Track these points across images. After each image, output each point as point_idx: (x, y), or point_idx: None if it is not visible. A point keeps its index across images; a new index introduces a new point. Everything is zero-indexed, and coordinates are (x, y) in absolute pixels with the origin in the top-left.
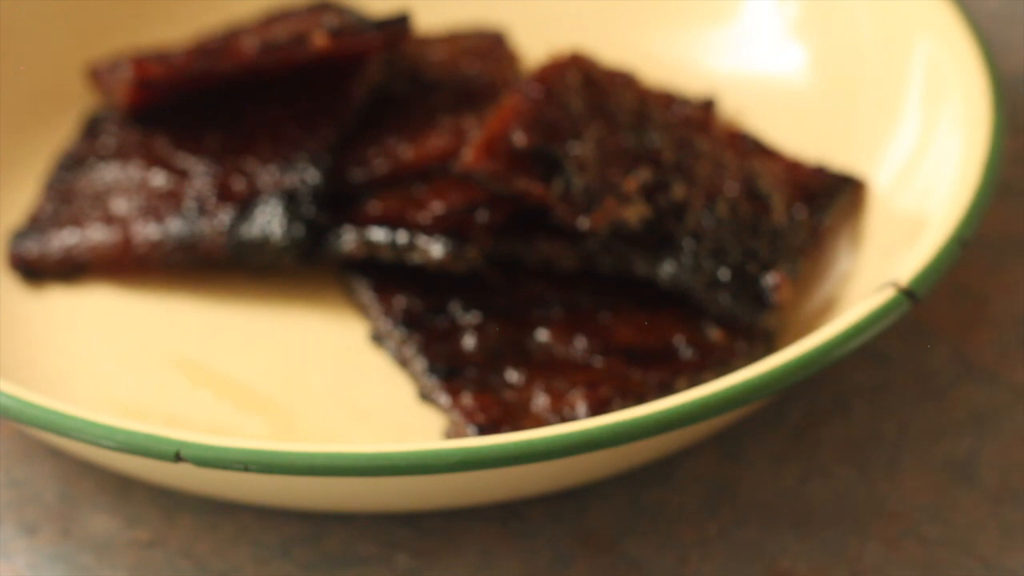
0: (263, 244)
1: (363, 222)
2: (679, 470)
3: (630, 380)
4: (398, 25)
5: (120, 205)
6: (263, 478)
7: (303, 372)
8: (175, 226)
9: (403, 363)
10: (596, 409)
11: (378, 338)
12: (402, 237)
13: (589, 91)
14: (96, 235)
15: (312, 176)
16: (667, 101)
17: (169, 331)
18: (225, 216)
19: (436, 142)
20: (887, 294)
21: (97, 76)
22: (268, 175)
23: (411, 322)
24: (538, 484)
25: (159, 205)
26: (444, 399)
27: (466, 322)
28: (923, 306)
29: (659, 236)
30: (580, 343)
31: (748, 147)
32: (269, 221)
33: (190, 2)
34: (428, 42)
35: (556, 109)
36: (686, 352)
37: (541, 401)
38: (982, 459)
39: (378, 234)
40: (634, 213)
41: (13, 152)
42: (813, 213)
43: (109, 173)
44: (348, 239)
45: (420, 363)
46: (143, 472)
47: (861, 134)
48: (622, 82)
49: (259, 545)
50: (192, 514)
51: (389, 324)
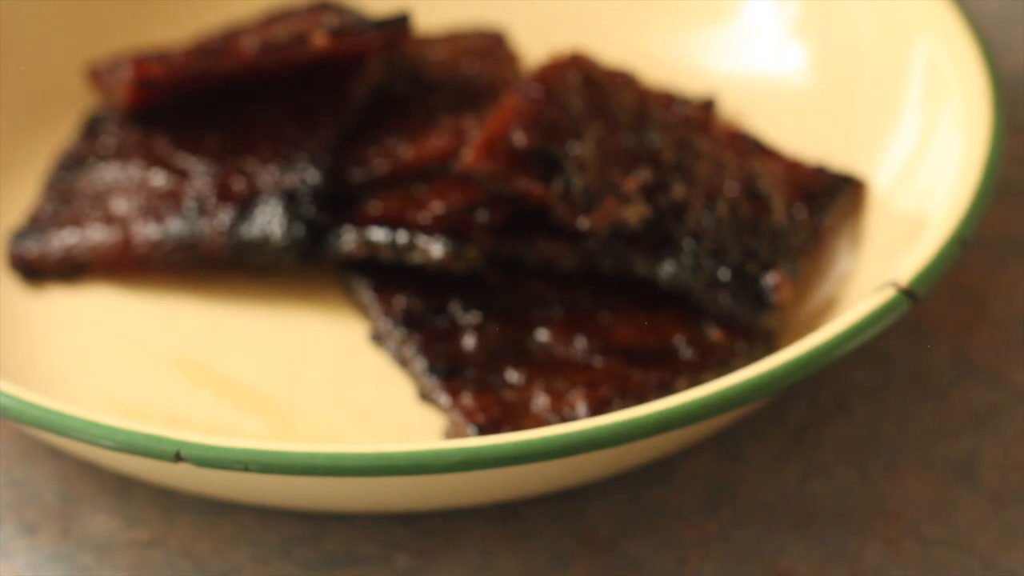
0: (263, 244)
1: (363, 222)
2: (679, 470)
3: (630, 380)
4: (398, 25)
5: (120, 205)
6: (263, 478)
7: (303, 372)
8: (175, 226)
9: (403, 363)
10: (596, 409)
11: (378, 338)
12: (402, 237)
13: (589, 91)
14: (96, 235)
15: (312, 176)
16: (667, 101)
17: (169, 331)
18: (225, 216)
19: (436, 142)
20: (887, 294)
21: (97, 76)
22: (268, 175)
23: (411, 322)
24: (538, 484)
25: (159, 205)
26: (444, 399)
27: (466, 322)
28: (923, 306)
29: (659, 236)
30: (580, 343)
31: (748, 147)
32: (269, 221)
33: (190, 2)
34: (428, 42)
35: (556, 109)
36: (686, 352)
37: (541, 401)
38: (982, 459)
39: (378, 234)
40: (634, 213)
41: (13, 152)
42: (813, 213)
43: (109, 173)
44: (348, 239)
45: (420, 363)
46: (143, 472)
47: (861, 134)
48: (622, 82)
49: (259, 545)
50: (192, 514)
51: (389, 324)
